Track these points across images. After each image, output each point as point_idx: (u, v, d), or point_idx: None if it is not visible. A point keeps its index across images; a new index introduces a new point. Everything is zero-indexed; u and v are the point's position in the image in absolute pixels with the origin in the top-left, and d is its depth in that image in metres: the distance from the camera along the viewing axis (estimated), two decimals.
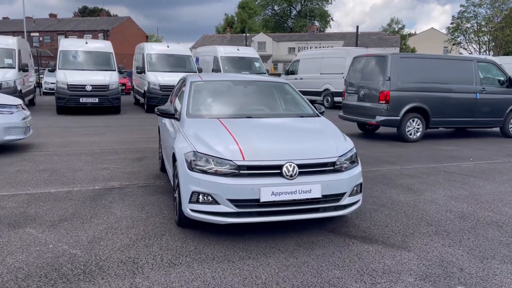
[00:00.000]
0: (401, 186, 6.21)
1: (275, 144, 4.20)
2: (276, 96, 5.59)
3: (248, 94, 5.54)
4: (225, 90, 5.54)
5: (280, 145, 4.19)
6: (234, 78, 6.05)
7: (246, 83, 5.79)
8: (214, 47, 19.61)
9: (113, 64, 16.13)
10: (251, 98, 5.51)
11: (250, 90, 5.60)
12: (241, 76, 6.58)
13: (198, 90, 5.33)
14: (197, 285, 3.14)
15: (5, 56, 15.16)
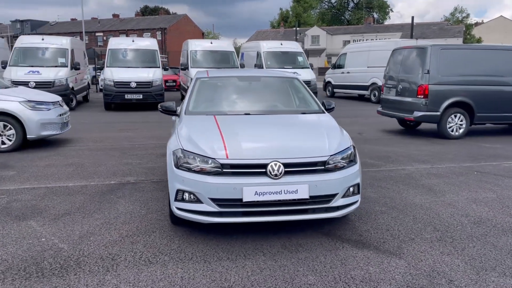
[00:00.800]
0: (422, 187, 5.82)
1: (262, 142, 4.07)
2: (281, 92, 5.43)
3: (252, 90, 5.43)
4: (230, 86, 5.46)
5: (267, 143, 4.05)
6: (241, 74, 5.95)
7: (252, 79, 5.68)
8: (258, 42, 19.56)
9: (158, 61, 16.55)
10: (255, 94, 5.39)
11: (255, 86, 5.48)
12: (248, 72, 6.47)
13: (202, 87, 5.30)
14: (163, 285, 3.11)
15: (59, 55, 16.03)
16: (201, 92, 5.21)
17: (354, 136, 10.15)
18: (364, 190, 5.61)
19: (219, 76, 5.72)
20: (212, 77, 5.58)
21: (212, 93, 5.31)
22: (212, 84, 5.46)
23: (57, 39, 16.75)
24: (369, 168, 6.95)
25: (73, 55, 16.59)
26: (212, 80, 5.52)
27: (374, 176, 6.41)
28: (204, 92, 5.25)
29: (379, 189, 5.69)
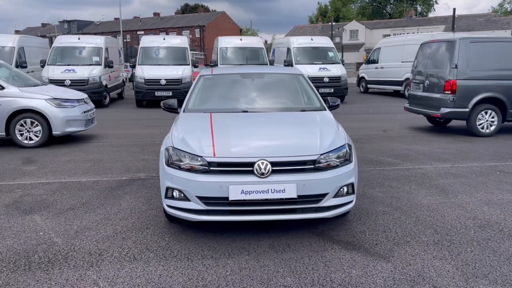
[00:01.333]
0: (435, 187, 5.58)
1: (252, 140, 4.02)
2: (284, 89, 5.35)
3: (254, 87, 5.38)
4: (232, 83, 5.43)
5: (257, 141, 4.00)
6: (244, 71, 5.91)
7: (255, 76, 5.62)
8: (288, 38, 19.39)
9: (188, 59, 16.76)
10: (256, 91, 5.33)
11: (258, 83, 5.43)
12: (253, 69, 6.41)
13: (205, 84, 5.31)
14: (139, 282, 3.15)
15: (94, 54, 16.58)
16: (202, 90, 5.22)
17: (378, 133, 9.89)
18: (372, 190, 5.45)
19: (223, 73, 5.70)
20: (216, 74, 5.58)
21: (214, 91, 5.31)
22: (215, 81, 5.45)
23: (92, 38, 17.31)
24: (384, 166, 6.74)
25: (107, 53, 17.09)
26: (215, 77, 5.52)
27: (387, 175, 6.21)
28: (206, 89, 5.26)
29: (388, 189, 5.51)
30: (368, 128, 10.67)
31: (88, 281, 3.16)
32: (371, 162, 7.03)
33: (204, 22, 59.70)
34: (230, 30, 59.54)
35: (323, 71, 16.94)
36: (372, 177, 6.10)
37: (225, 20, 62.64)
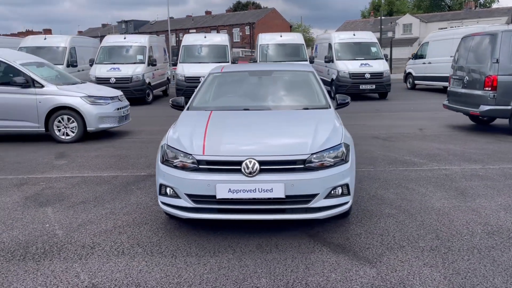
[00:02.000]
0: (454, 190, 5.28)
1: (243, 139, 4.00)
2: (290, 87, 5.26)
3: (261, 85, 5.33)
4: (239, 81, 5.42)
5: (247, 140, 3.97)
6: (254, 69, 5.86)
7: (263, 73, 5.57)
8: (330, 33, 19.05)
9: (228, 56, 16.87)
10: (262, 89, 5.28)
11: (265, 81, 5.38)
12: (263, 66, 6.34)
13: (213, 82, 5.33)
14: (118, 277, 3.23)
15: (138, 53, 17.15)
16: (210, 87, 5.26)
17: (413, 132, 9.50)
18: (385, 191, 5.25)
19: (231, 71, 5.70)
20: (225, 72, 5.59)
21: (220, 88, 5.33)
22: (223, 79, 5.47)
23: (137, 37, 17.91)
24: (407, 167, 6.47)
25: (151, 52, 17.61)
26: (224, 75, 5.53)
27: (407, 176, 5.95)
28: (214, 87, 5.29)
29: (403, 190, 5.28)
30: (403, 126, 10.28)
31: (71, 273, 3.28)
32: (395, 162, 6.77)
33: (254, 19, 59.98)
34: (279, 26, 59.41)
35: (364, 67, 16.49)
36: (390, 178, 5.87)
37: (275, 16, 62.58)
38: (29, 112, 8.84)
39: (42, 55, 16.38)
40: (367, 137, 8.95)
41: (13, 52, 10.22)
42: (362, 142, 8.45)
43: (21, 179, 6.13)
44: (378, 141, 8.52)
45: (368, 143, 8.32)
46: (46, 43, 16.98)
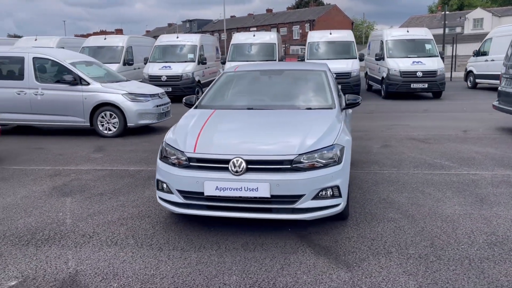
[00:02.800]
0: (474, 196, 5.00)
1: (234, 138, 4.05)
2: (299, 86, 5.22)
3: (270, 84, 5.35)
4: (250, 81, 5.46)
5: (238, 139, 4.02)
6: (266, 68, 5.87)
7: (274, 72, 5.57)
8: (383, 30, 18.43)
9: (275, 54, 16.90)
10: (271, 88, 5.30)
11: (275, 81, 5.38)
12: (275, 65, 6.30)
13: (225, 81, 5.43)
14: (101, 265, 3.42)
15: (189, 51, 17.68)
16: (221, 86, 5.36)
17: (455, 133, 9.03)
18: (397, 195, 5.08)
19: (244, 70, 5.75)
20: (238, 71, 5.66)
21: (230, 88, 5.40)
22: (234, 78, 5.54)
23: (189, 36, 18.47)
24: (434, 170, 6.19)
25: (202, 51, 18.07)
26: (236, 74, 5.60)
27: (428, 180, 5.70)
28: (224, 86, 5.38)
29: (418, 195, 5.07)
30: (447, 128, 9.78)
31: (62, 259, 3.53)
32: (422, 165, 6.49)
33: (314, 16, 59.39)
34: (340, 23, 58.35)
35: (416, 65, 15.82)
36: (410, 181, 5.66)
37: (336, 13, 61.53)
38: (76, 108, 9.46)
39: (102, 54, 17.47)
40: (403, 139, 8.64)
41: (64, 51, 10.98)
42: (396, 143, 8.18)
43: (56, 170, 6.60)
44: (413, 143, 8.19)
45: (402, 145, 8.04)
46: (105, 43, 18.00)
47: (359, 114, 12.50)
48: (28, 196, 5.31)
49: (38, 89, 9.49)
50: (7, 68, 9.85)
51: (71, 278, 3.21)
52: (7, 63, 9.88)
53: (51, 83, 9.51)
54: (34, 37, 18.94)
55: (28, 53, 9.75)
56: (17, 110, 9.63)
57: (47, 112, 9.57)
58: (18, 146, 8.58)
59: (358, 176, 5.94)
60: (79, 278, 3.21)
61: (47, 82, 9.54)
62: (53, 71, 9.75)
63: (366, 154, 7.34)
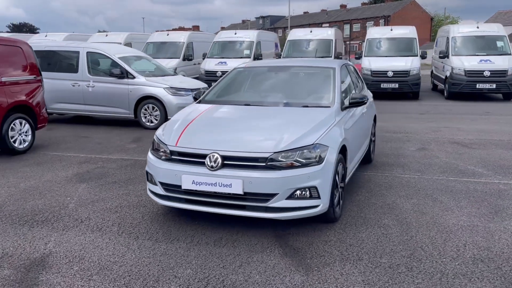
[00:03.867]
0: (491, 207, 4.58)
1: (214, 133, 4.06)
2: (304, 83, 5.08)
3: (274, 81, 5.25)
4: (256, 77, 5.41)
5: (218, 135, 4.01)
6: (273, 64, 5.75)
7: (281, 69, 5.45)
8: (449, 26, 17.27)
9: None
10: (273, 85, 5.20)
11: (281, 77, 5.27)
12: (285, 62, 6.11)
13: (233, 77, 5.43)
14: (75, 249, 3.59)
15: (246, 47, 17.84)
16: (227, 82, 5.36)
17: (508, 139, 8.28)
18: (405, 201, 4.80)
19: (253, 66, 5.70)
20: (246, 67, 5.63)
21: (236, 83, 5.39)
22: (243, 74, 5.52)
23: (247, 32, 18.67)
24: (461, 177, 5.74)
25: (259, 47, 18.16)
26: (245, 70, 5.57)
27: (449, 187, 5.30)
28: (231, 81, 5.38)
29: (427, 202, 4.75)
30: (500, 133, 8.98)
31: (44, 240, 3.77)
32: (451, 171, 6.05)
33: (390, 12, 57.16)
34: (418, 19, 55.64)
35: (484, 63, 14.65)
36: (427, 187, 5.30)
37: (413, 8, 58.68)
38: (122, 100, 9.98)
39: (165, 49, 18.22)
40: (445, 142, 8.09)
41: (116, 46, 11.59)
42: (434, 147, 7.68)
43: (88, 158, 7.02)
44: (454, 147, 7.64)
45: (441, 148, 7.53)
46: (168, 39, 18.71)
47: (410, 114, 11.90)
48: (50, 180, 5.71)
49: (90, 81, 10.13)
50: (64, 61, 10.62)
51: (41, 259, 3.42)
52: (64, 57, 10.65)
53: (101, 76, 10.11)
54: (105, 33, 20.22)
55: (83, 48, 10.45)
56: (71, 100, 10.38)
57: (96, 103, 10.20)
58: (68, 134, 9.24)
59: (373, 179, 5.68)
60: (48, 259, 3.41)
61: (98, 75, 10.16)
62: (103, 64, 10.36)
63: (395, 156, 6.98)
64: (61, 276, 3.12)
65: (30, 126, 7.61)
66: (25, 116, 7.51)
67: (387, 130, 9.43)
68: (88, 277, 3.11)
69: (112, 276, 3.12)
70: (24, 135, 7.47)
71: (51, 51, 10.88)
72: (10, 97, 7.22)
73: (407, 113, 12.20)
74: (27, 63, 7.74)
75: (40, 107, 7.94)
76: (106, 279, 3.08)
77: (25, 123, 7.50)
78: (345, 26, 63.78)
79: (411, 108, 13.40)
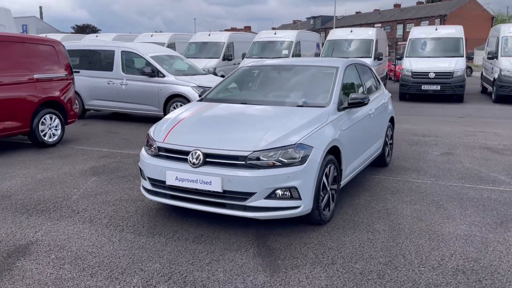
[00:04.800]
0: (498, 217, 4.30)
1: (199, 131, 4.09)
2: (304, 82, 4.98)
3: (276, 80, 5.20)
4: (259, 75, 5.37)
5: (203, 132, 4.04)
6: (277, 63, 5.67)
7: (284, 68, 5.37)
8: (500, 25, 16.27)
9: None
10: (273, 84, 5.16)
11: (283, 76, 5.20)
12: (290, 61, 5.98)
13: (238, 75, 5.43)
14: (60, 238, 3.74)
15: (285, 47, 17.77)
16: (232, 80, 5.38)
17: None
18: (407, 206, 4.61)
19: (257, 65, 5.66)
20: (252, 65, 5.60)
21: (239, 81, 5.38)
22: (247, 72, 5.50)
23: (287, 33, 18.61)
24: (478, 185, 5.42)
25: (298, 47, 18.06)
26: (251, 68, 5.55)
27: (460, 194, 5.02)
28: (235, 79, 5.39)
29: (430, 209, 4.52)
30: None
31: (35, 229, 3.95)
32: (469, 177, 5.73)
33: (446, 11, 54.76)
34: (477, 18, 53.01)
35: None
36: (436, 194, 5.05)
37: (472, 7, 55.84)
38: (153, 98, 10.27)
39: (206, 49, 18.58)
40: (475, 147, 7.66)
41: (149, 46, 11.90)
42: (462, 151, 7.30)
43: (108, 153, 7.29)
44: (483, 152, 7.22)
45: (468, 154, 7.14)
46: (209, 39, 19.03)
47: (448, 117, 11.37)
48: (66, 172, 5.98)
49: (123, 79, 10.51)
50: (101, 60, 11.08)
51: (26, 246, 3.59)
52: (102, 56, 11.11)
53: (134, 74, 10.47)
54: (150, 33, 20.89)
55: (118, 47, 10.86)
56: (106, 97, 10.83)
57: (129, 101, 10.57)
58: (100, 130, 9.63)
59: (383, 183, 5.48)
60: (32, 246, 3.58)
61: (131, 73, 10.53)
62: (136, 63, 10.71)
63: (415, 160, 6.69)
64: (36, 263, 3.27)
65: (60, 121, 8.00)
66: (55, 112, 7.91)
67: (417, 133, 9.06)
68: (60, 266, 3.23)
69: (83, 266, 3.23)
70: (54, 130, 7.87)
71: (91, 50, 11.42)
72: (42, 93, 7.63)
73: (444, 116, 11.65)
74: (59, 61, 8.14)
75: (70, 103, 8.33)
76: (76, 269, 3.19)
77: (55, 118, 7.91)
78: (398, 26, 61.89)
79: (451, 111, 12.77)
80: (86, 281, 3.00)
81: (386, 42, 20.25)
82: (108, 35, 22.65)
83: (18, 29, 46.06)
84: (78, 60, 11.30)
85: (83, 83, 10.91)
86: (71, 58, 11.30)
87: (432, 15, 55.88)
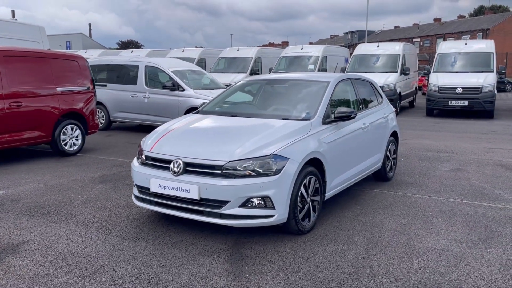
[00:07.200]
0: (486, 234, 4.23)
1: (183, 141, 4.28)
2: (294, 97, 5.09)
3: (269, 94, 5.36)
4: (254, 89, 5.54)
5: (186, 142, 4.22)
6: (272, 77, 5.80)
7: (277, 82, 5.52)
8: None
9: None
10: (267, 98, 5.32)
11: (276, 90, 5.36)
12: (283, 75, 6.09)
13: (237, 89, 5.62)
14: (50, 239, 3.99)
15: (311, 63, 17.91)
16: (229, 93, 5.57)
17: None
18: (394, 220, 4.62)
19: (254, 79, 5.85)
20: (252, 80, 5.81)
21: (235, 95, 5.55)
22: (246, 86, 5.69)
23: (313, 48, 18.78)
24: (477, 201, 5.34)
25: (325, 62, 18.15)
26: (249, 82, 5.74)
27: (454, 210, 4.96)
28: (233, 93, 5.57)
29: (417, 223, 4.51)
30: None
31: (31, 230, 4.24)
32: (471, 194, 5.63)
33: (489, 25, 53.18)
34: None
35: None
36: (429, 209, 5.01)
37: None
38: (173, 111, 10.63)
39: (235, 64, 19.02)
40: (489, 164, 7.49)
41: (171, 60, 12.35)
42: (472, 168, 7.16)
43: (122, 162, 7.63)
44: (495, 169, 7.05)
45: (478, 170, 6.99)
46: (238, 54, 19.46)
47: (470, 134, 11.11)
48: (77, 180, 6.33)
49: (146, 92, 10.97)
50: (126, 74, 11.61)
51: (17, 245, 3.88)
52: (127, 70, 11.65)
53: (156, 88, 10.91)
54: (182, 48, 21.59)
55: (142, 62, 11.37)
56: (130, 110, 11.32)
57: (151, 113, 11.01)
58: (120, 140, 10.07)
59: (378, 197, 5.48)
60: (23, 245, 3.86)
61: (153, 87, 10.98)
62: (158, 77, 11.15)
63: (421, 176, 6.62)
64: (21, 260, 3.53)
65: (81, 131, 8.46)
66: (76, 122, 8.38)
67: (432, 149, 8.93)
68: (41, 264, 3.48)
69: (61, 264, 3.46)
70: (75, 139, 8.33)
71: (117, 65, 12.00)
72: (64, 104, 8.11)
73: (467, 133, 11.38)
74: (81, 75, 8.63)
75: (92, 114, 8.79)
76: (54, 266, 3.42)
77: (76, 129, 8.37)
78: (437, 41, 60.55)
79: (477, 127, 12.44)
80: (60, 278, 3.23)
81: (416, 57, 19.96)
82: (142, 51, 23.59)
83: (62, 45, 48.02)
84: (105, 74, 11.91)
85: (109, 96, 11.48)
86: (99, 73, 12.00)
87: (474, 29, 54.42)
